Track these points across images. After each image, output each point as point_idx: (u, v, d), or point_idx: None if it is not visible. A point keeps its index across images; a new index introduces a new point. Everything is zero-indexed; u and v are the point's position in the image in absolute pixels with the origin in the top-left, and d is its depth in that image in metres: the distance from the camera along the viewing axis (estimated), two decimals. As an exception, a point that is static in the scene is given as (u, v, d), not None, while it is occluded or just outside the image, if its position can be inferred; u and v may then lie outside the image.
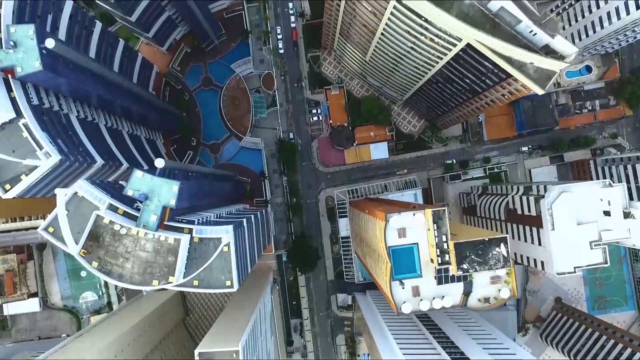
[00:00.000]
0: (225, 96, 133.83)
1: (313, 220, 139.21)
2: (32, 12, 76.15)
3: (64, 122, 79.98)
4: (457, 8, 78.06)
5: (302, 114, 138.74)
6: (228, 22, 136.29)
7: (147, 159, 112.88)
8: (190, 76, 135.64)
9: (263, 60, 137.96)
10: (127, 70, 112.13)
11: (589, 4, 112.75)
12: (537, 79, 79.33)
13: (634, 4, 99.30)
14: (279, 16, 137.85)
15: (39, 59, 65.78)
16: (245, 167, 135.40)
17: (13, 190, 69.76)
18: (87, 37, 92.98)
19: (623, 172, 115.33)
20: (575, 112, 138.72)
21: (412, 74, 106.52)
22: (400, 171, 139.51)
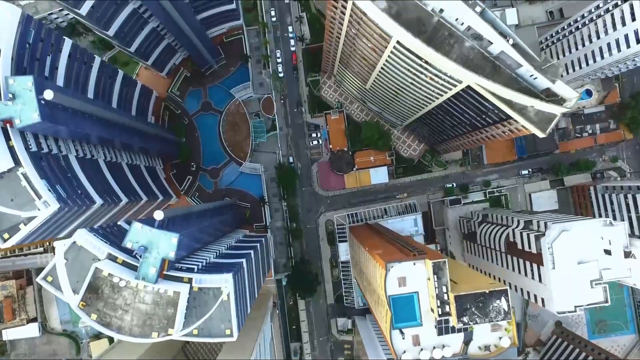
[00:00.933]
0: (225, 121, 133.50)
1: (313, 244, 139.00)
2: (31, 56, 75.98)
3: (62, 165, 79.62)
4: (458, 51, 77.74)
5: (301, 138, 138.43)
6: (227, 46, 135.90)
7: (147, 188, 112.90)
8: (189, 100, 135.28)
9: (262, 84, 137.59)
10: (126, 98, 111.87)
11: (589, 34, 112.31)
12: (538, 122, 79.05)
13: (634, 38, 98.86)
14: (278, 40, 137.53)
15: (37, 110, 65.40)
16: (245, 192, 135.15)
17: (12, 239, 69.41)
18: (86, 72, 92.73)
19: (623, 201, 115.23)
20: (576, 135, 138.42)
21: (412, 105, 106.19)
22: (400, 195, 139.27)
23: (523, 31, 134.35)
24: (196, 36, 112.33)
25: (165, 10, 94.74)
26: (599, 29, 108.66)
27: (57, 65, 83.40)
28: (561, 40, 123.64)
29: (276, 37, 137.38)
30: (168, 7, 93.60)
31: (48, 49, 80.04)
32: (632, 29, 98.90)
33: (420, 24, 77.53)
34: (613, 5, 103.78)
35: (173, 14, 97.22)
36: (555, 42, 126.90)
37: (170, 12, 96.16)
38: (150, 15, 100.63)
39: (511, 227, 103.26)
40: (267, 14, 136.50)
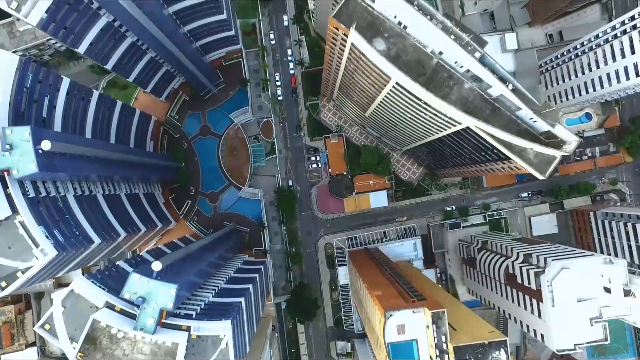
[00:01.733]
0: (224, 146, 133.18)
1: (312, 267, 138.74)
2: (29, 99, 75.69)
3: (60, 206, 79.24)
4: (457, 93, 77.51)
5: (301, 161, 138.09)
6: (226, 69, 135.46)
7: (145, 216, 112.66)
8: (188, 124, 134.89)
9: (262, 107, 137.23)
10: (125, 129, 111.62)
11: (588, 62, 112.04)
12: (538, 163, 78.83)
13: (633, 71, 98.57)
14: (277, 63, 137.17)
15: (34, 161, 65.01)
16: (244, 216, 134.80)
17: (9, 288, 69.13)
18: (84, 107, 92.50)
19: (623, 229, 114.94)
20: (575, 158, 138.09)
21: (412, 135, 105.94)
22: (399, 218, 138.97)
23: (523, 54, 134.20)
24: (194, 65, 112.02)
25: (163, 45, 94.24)
26: (599, 59, 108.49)
27: (55, 104, 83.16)
28: (561, 65, 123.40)
29: (275, 60, 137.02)
30: (166, 42, 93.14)
31: (46, 89, 79.78)
32: (632, 62, 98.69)
33: (420, 66, 77.28)
34: (612, 36, 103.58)
35: (171, 47, 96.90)
36: (554, 67, 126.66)
37: (168, 47, 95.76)
38: (148, 47, 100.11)
39: (510, 258, 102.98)
40: (266, 37, 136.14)
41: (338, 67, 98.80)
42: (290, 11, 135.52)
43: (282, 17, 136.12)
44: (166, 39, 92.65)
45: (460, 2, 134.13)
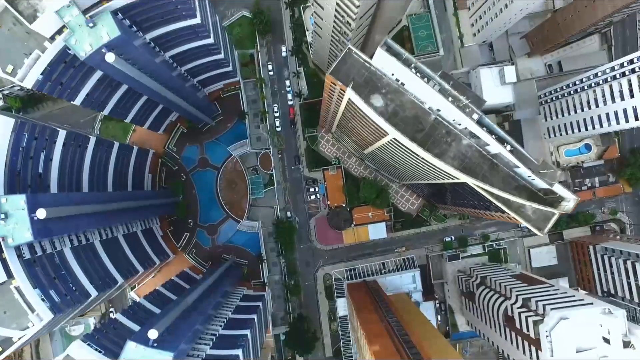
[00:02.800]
0: (222, 179, 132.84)
1: (311, 298, 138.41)
2: (24, 157, 75.41)
3: (57, 262, 78.90)
4: (455, 148, 77.07)
5: (299, 192, 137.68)
6: (225, 101, 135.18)
7: (143, 255, 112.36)
8: (186, 156, 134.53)
9: (260, 138, 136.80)
10: (122, 169, 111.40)
11: (587, 100, 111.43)
12: (536, 219, 78.41)
13: (632, 114, 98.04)
14: (275, 94, 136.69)
15: (29, 229, 64.78)
16: (242, 249, 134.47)
17: (5, 353, 68.84)
18: (81, 154, 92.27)
19: (623, 266, 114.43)
20: (574, 189, 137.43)
21: (411, 175, 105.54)
22: (398, 249, 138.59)
23: (522, 85, 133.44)
24: (191, 105, 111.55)
25: (158, 93, 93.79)
26: (598, 98, 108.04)
27: (52, 157, 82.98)
28: (560, 99, 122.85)
29: (273, 91, 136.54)
30: (161, 90, 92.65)
31: (42, 144, 79.59)
32: (631, 105, 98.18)
33: (418, 122, 76.85)
34: (611, 77, 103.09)
35: (167, 94, 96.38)
36: (554, 99, 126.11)
37: (164, 93, 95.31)
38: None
39: (509, 300, 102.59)
40: (265, 67, 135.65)
41: (336, 111, 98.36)
42: (288, 42, 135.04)
43: (280, 48, 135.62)
44: (162, 88, 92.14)
45: (459, 34, 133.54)
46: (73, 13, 65.19)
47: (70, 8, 65.20)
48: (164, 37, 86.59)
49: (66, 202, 73.69)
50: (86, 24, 64.82)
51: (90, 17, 67.25)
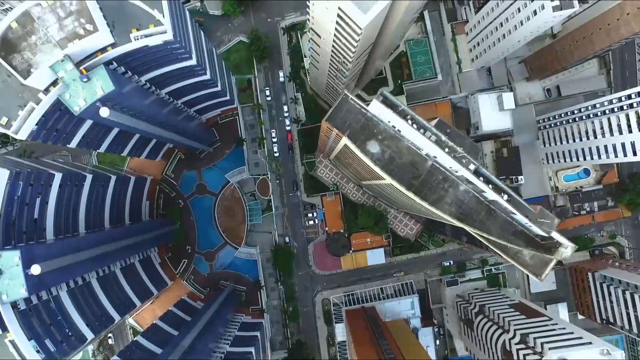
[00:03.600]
0: (220, 206, 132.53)
1: (309, 323, 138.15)
2: (20, 204, 75.12)
3: (52, 308, 78.65)
4: (452, 195, 76.72)
5: (298, 217, 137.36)
6: (222, 127, 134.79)
7: (141, 288, 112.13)
8: (184, 183, 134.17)
9: (258, 164, 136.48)
10: (119, 203, 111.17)
11: (586, 130, 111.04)
12: (533, 265, 78.17)
13: (630, 149, 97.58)
14: (273, 119, 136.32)
15: (24, 285, 64.49)
16: (240, 275, 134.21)
17: (1, 406, 68.68)
18: (77, 193, 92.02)
19: (622, 296, 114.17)
20: (574, 213, 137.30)
21: (409, 208, 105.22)
22: (397, 273, 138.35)
23: (520, 110, 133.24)
24: (188, 138, 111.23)
25: (153, 133, 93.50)
26: (596, 129, 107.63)
27: (48, 200, 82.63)
28: (558, 127, 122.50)
29: (271, 117, 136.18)
30: (156, 130, 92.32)
31: (38, 189, 79.28)
32: (629, 140, 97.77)
33: (415, 168, 76.48)
34: (609, 110, 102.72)
35: (162, 133, 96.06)
36: (552, 126, 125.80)
37: (159, 133, 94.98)
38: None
39: (507, 334, 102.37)
40: (262, 93, 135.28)
41: (333, 148, 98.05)
42: (286, 68, 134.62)
43: (278, 73, 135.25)
44: (157, 129, 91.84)
45: (457, 59, 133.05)
46: (67, 68, 64.87)
47: (64, 63, 64.90)
48: (160, 77, 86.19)
49: (62, 252, 73.33)
50: (80, 79, 64.43)
51: (85, 69, 66.93)
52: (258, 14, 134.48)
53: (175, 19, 73.56)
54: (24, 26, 65.35)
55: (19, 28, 65.17)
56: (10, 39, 64.99)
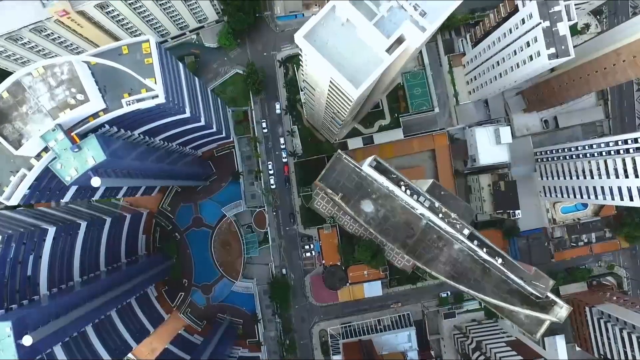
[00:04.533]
0: (216, 241, 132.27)
1: (307, 355, 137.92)
2: (12, 264, 74.91)
3: (46, 364, 78.37)
4: (447, 253, 76.53)
5: (295, 249, 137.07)
6: (219, 160, 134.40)
7: (137, 328, 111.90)
8: (180, 215, 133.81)
9: (254, 195, 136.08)
10: (115, 240, 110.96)
11: (582, 168, 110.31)
12: (528, 324, 77.94)
13: (627, 193, 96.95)
14: (270, 151, 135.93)
15: (15, 355, 64.23)
16: (237, 308, 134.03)
17: None
18: (71, 242, 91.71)
19: (619, 334, 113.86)
20: (571, 245, 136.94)
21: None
22: (394, 304, 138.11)
23: (518, 142, 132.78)
24: (183, 180, 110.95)
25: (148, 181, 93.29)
26: (593, 170, 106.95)
27: (41, 254, 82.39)
28: (555, 162, 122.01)
29: (268, 149, 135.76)
30: (148, 182, 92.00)
31: (31, 247, 79.06)
32: (626, 185, 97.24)
33: (409, 227, 76.22)
34: (606, 152, 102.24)
35: (155, 183, 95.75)
36: (549, 159, 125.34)
37: (152, 183, 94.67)
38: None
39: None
40: (259, 124, 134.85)
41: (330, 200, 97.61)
42: (282, 100, 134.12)
43: (274, 105, 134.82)
44: (150, 180, 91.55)
45: (454, 92, 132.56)
46: (58, 137, 64.49)
47: (55, 132, 64.54)
48: (154, 129, 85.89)
49: (55, 313, 73.07)
50: (71, 150, 64.09)
51: (76, 135, 66.62)
52: (254, 45, 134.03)
53: (168, 80, 73.17)
54: (15, 95, 64.99)
55: (10, 97, 64.84)
56: (1, 109, 64.65)
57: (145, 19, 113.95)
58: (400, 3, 56.49)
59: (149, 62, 68.96)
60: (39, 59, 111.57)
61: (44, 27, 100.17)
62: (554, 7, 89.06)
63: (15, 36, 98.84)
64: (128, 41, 69.30)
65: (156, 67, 68.95)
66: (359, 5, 57.66)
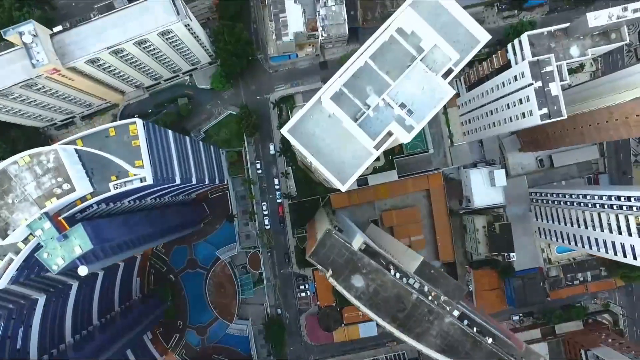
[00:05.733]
0: (211, 284, 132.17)
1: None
2: (2, 338, 74.71)
3: None
4: (438, 327, 76.07)
5: (290, 288, 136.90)
6: (213, 201, 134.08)
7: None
8: (175, 257, 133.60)
9: (249, 236, 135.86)
10: (108, 290, 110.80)
11: (576, 217, 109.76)
12: (520, 395, 77.47)
13: (621, 250, 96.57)
14: (264, 192, 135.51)
15: None
16: (232, 349, 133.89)
17: None
18: (63, 304, 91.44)
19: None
20: (567, 283, 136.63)
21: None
22: (389, 343, 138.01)
23: (513, 181, 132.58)
24: (178, 233, 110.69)
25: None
26: (587, 220, 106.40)
27: (32, 323, 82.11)
28: (550, 205, 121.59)
29: (262, 189, 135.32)
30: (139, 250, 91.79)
31: (21, 318, 78.80)
32: (620, 241, 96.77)
33: (399, 301, 75.83)
34: (600, 204, 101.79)
35: (146, 247, 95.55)
36: (544, 202, 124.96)
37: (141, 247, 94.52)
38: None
39: None
40: (253, 165, 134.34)
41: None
42: (276, 141, 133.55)
43: (268, 146, 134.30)
44: (141, 247, 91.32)
45: (449, 133, 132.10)
46: (45, 226, 64.34)
47: (41, 221, 64.32)
48: (143, 195, 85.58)
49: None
50: (58, 240, 63.78)
51: (63, 220, 66.34)
52: (248, 86, 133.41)
53: (157, 157, 72.81)
54: (1, 184, 64.70)
55: (-4, 187, 64.50)
56: (-13, 198, 64.36)
57: (137, 68, 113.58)
58: (387, 100, 56.01)
59: (136, 144, 68.65)
60: (33, 109, 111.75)
61: (35, 83, 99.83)
62: (546, 67, 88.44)
63: (6, 93, 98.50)
64: (115, 124, 69.11)
65: (143, 149, 68.65)
66: (344, 102, 57.26)
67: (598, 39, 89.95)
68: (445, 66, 58.28)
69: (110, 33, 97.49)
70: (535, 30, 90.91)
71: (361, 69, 56.81)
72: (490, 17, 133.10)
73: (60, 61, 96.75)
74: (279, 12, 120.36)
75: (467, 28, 60.32)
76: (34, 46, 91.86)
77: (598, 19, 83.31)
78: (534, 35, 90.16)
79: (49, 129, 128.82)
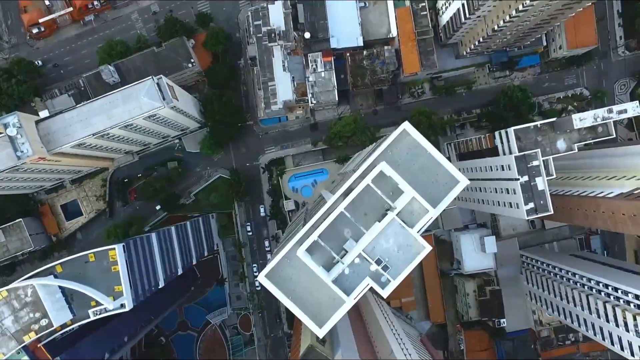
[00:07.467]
0: (201, 348, 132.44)
1: None
2: None
3: None
4: None
5: (281, 347, 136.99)
6: (203, 264, 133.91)
7: None
8: (166, 319, 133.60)
9: (240, 297, 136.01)
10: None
11: (566, 294, 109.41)
12: None
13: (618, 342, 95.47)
14: (255, 253, 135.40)
15: None
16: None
17: None
18: None
19: None
20: (558, 344, 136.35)
21: None
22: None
23: (504, 243, 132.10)
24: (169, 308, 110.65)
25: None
26: (576, 300, 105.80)
27: None
28: (540, 274, 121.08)
29: (252, 251, 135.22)
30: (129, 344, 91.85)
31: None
32: (607, 329, 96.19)
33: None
34: (589, 287, 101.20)
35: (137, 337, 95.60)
36: (536, 271, 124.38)
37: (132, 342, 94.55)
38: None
39: None
40: (243, 228, 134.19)
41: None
42: (267, 205, 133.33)
43: (258, 208, 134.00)
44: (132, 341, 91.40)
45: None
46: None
47: (20, 355, 64.38)
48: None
49: None
50: (36, 376, 63.81)
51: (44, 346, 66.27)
52: (238, 149, 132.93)
53: (138, 277, 72.64)
54: (-20, 319, 64.52)
55: (-26, 322, 64.42)
56: (-35, 335, 64.30)
57: (124, 142, 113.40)
58: (363, 255, 55.80)
59: (116, 269, 68.52)
60: (21, 184, 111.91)
61: (21, 168, 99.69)
62: (532, 162, 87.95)
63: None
64: (94, 250, 68.86)
65: (123, 274, 68.50)
66: (319, 251, 57.12)
67: (585, 132, 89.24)
68: (422, 219, 57.96)
69: (96, 119, 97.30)
70: (522, 125, 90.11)
71: (338, 217, 56.61)
72: (481, 77, 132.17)
73: (46, 148, 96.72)
74: (267, 80, 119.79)
75: (447, 168, 59.92)
76: (18, 137, 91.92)
77: (583, 120, 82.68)
78: (521, 129, 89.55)
79: (38, 193, 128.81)
